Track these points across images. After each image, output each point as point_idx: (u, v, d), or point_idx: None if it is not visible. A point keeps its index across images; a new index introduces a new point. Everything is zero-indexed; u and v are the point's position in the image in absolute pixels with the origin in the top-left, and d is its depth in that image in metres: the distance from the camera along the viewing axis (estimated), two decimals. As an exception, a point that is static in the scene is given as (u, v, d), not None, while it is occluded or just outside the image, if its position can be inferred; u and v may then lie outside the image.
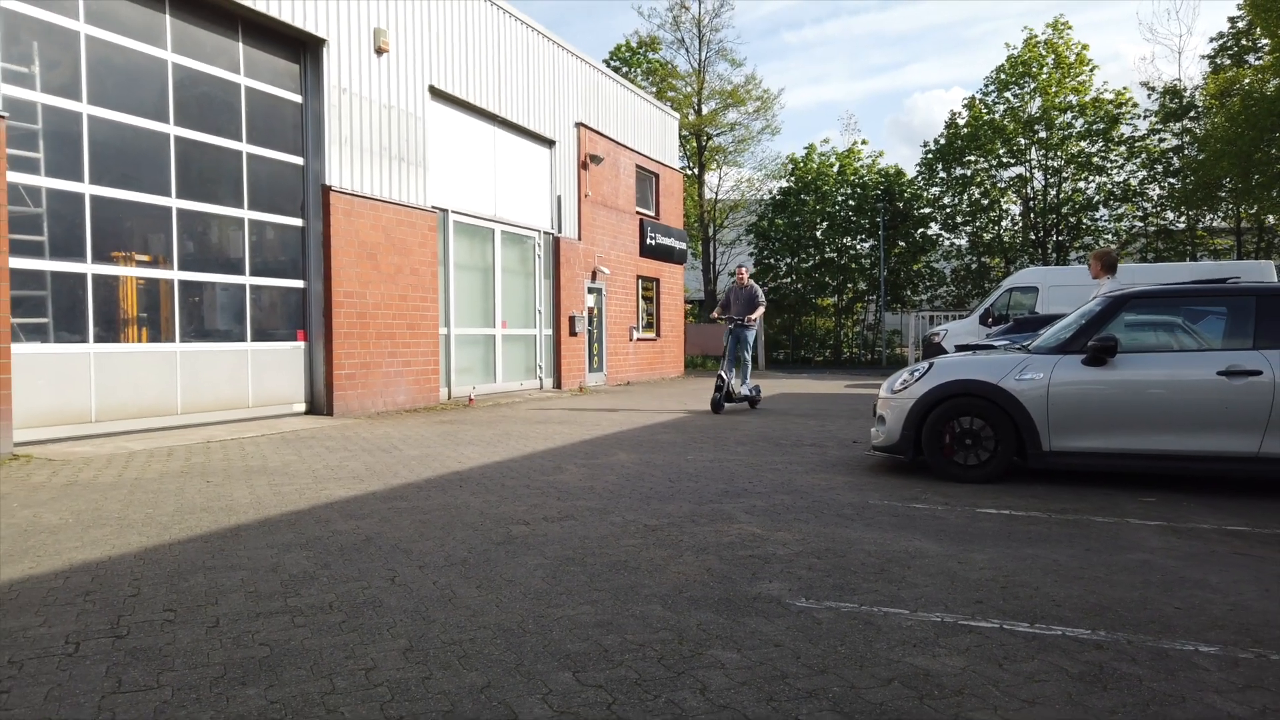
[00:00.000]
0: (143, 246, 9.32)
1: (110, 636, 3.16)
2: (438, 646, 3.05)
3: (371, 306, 11.61)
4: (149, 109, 9.17)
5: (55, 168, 8.26)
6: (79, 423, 8.47)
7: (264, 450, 8.05)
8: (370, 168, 11.65)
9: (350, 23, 11.31)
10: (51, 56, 8.26)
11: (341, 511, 5.32)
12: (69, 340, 8.42)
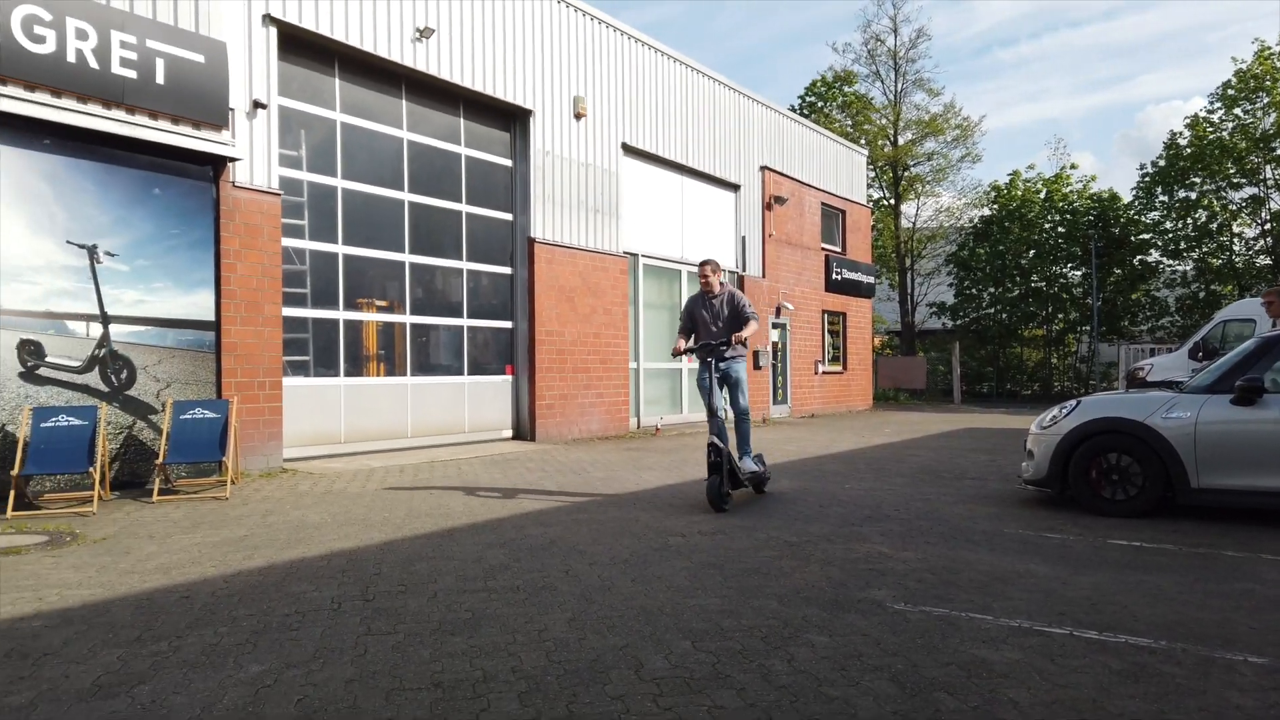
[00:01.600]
0: (382, 294, 11.05)
1: (361, 600, 4.28)
2: (593, 619, 3.94)
3: (569, 344, 12.92)
4: (388, 180, 10.91)
5: (316, 232, 10.06)
6: (331, 443, 10.19)
7: (476, 469, 9.37)
8: (569, 220, 13.02)
9: (553, 94, 12.77)
10: (315, 142, 10.10)
11: (534, 520, 6.38)
12: (325, 374, 10.17)
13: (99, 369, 7.76)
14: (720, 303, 7.34)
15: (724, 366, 7.21)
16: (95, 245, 7.71)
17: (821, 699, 3.04)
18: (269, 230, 9.06)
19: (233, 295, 8.74)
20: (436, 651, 3.51)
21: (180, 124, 8.19)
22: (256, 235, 8.93)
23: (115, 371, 7.87)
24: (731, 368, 7.26)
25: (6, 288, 7.18)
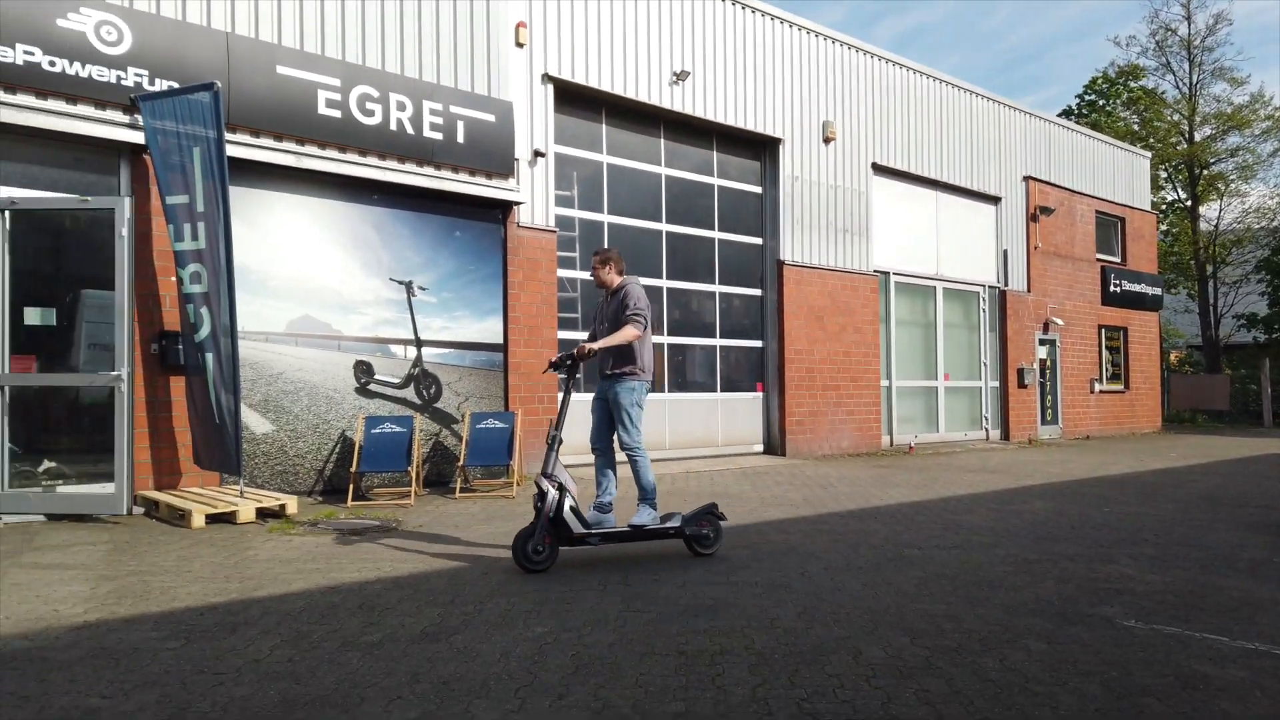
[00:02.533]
0: (642, 317, 12.00)
1: (622, 584, 4.99)
2: (820, 613, 4.37)
3: (818, 362, 13.25)
4: (648, 212, 11.88)
5: (587, 263, 11.20)
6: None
7: (727, 480, 9.99)
8: (817, 241, 13.39)
9: (802, 121, 13.23)
10: (584, 182, 11.26)
11: (776, 527, 6.87)
12: (593, 391, 11.23)
13: (414, 385, 9.23)
14: (614, 303, 5.80)
15: (604, 386, 5.81)
16: (411, 281, 9.21)
17: (1025, 693, 3.30)
18: (546, 263, 10.27)
19: (517, 321, 9.99)
20: (682, 628, 4.11)
21: (476, 175, 9.56)
22: (536, 268, 10.15)
23: (426, 387, 9.31)
24: (612, 388, 5.73)
25: (346, 318, 8.78)
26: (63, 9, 6.96)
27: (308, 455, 8.47)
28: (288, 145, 8.24)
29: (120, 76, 7.25)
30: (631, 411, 5.70)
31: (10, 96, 6.83)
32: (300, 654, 3.75)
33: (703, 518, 5.73)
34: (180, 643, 3.89)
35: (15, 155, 7.07)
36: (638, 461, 5.73)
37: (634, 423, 5.71)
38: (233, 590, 4.85)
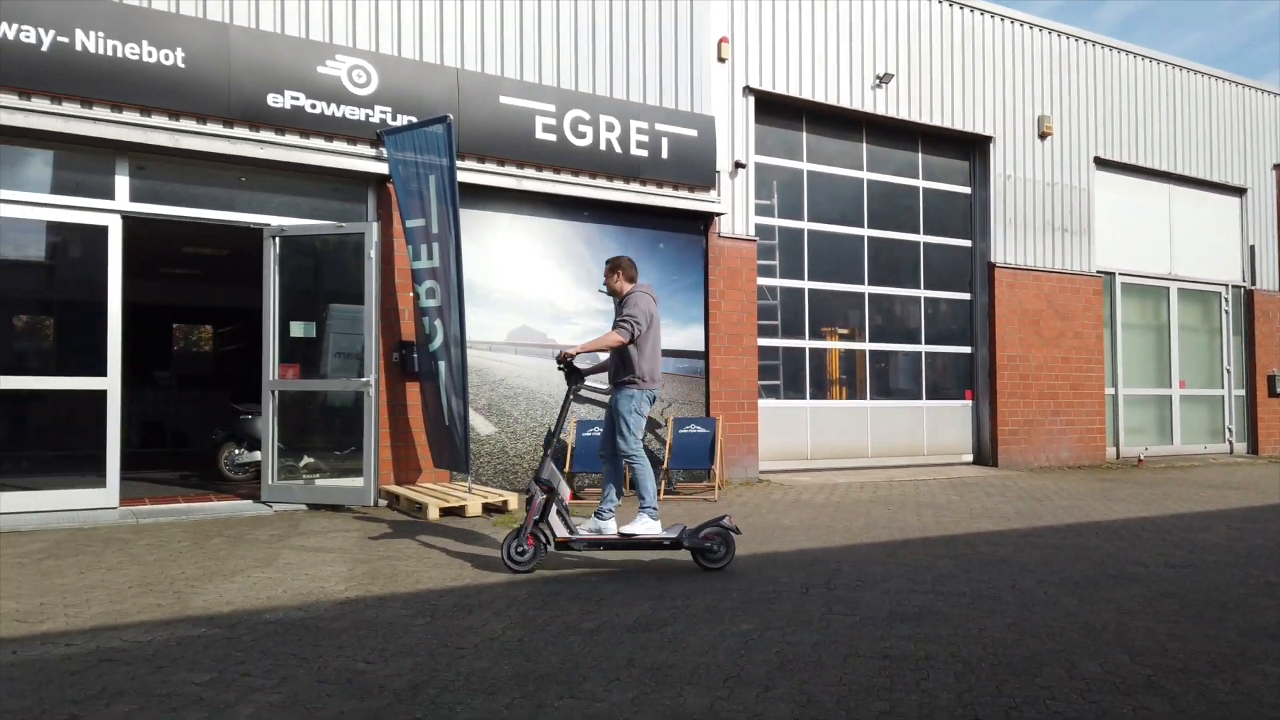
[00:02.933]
0: (844, 323, 11.94)
1: (825, 588, 5.09)
2: (1032, 626, 4.28)
3: (1033, 369, 12.62)
4: (849, 218, 11.81)
5: (786, 270, 11.29)
6: (799, 459, 11.30)
7: (933, 490, 9.76)
8: (1032, 241, 12.76)
9: (1014, 117, 12.68)
10: (784, 190, 11.35)
11: (985, 539, 6.70)
12: (793, 397, 11.32)
13: (620, 391, 9.68)
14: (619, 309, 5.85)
15: (611, 394, 5.88)
16: (618, 292, 9.67)
17: (1259, 717, 3.13)
18: (746, 272, 10.46)
19: (718, 329, 10.24)
20: (886, 633, 4.17)
21: (679, 189, 9.90)
22: (736, 277, 10.36)
23: (631, 393, 9.75)
24: (614, 396, 5.79)
25: (560, 328, 9.35)
26: (321, 57, 7.92)
27: (526, 456, 9.09)
28: (509, 169, 8.91)
29: (368, 114, 8.13)
30: (630, 419, 5.70)
31: (280, 137, 7.84)
32: (528, 635, 4.13)
33: (708, 530, 5.53)
34: (426, 619, 4.39)
35: (281, 188, 8.10)
36: (635, 469, 5.76)
37: (632, 430, 5.71)
38: (466, 576, 5.37)
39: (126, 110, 7.23)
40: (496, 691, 3.38)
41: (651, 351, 5.75)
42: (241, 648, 3.90)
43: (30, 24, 6.80)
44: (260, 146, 7.71)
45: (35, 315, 8.92)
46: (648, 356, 5.73)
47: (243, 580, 5.19)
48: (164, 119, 7.37)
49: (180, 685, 3.42)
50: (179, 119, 7.44)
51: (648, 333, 5.71)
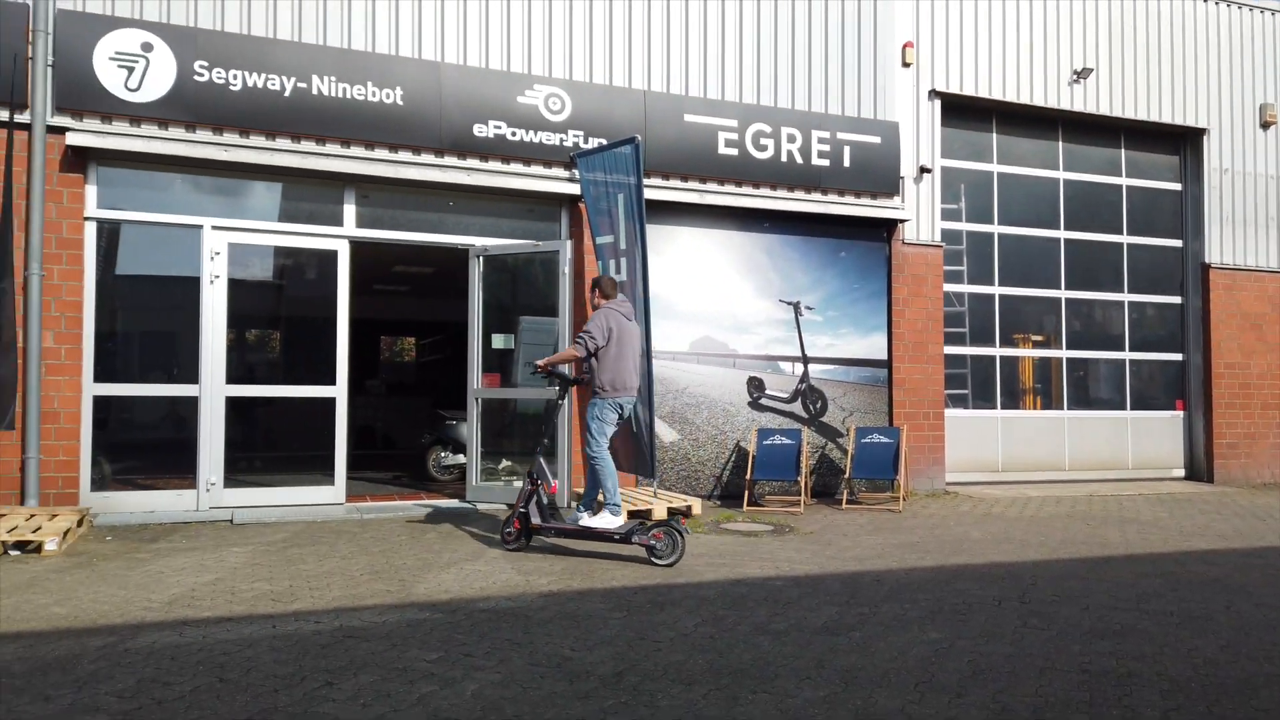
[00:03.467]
0: (1037, 330, 11.45)
1: (1018, 602, 5.00)
2: (1248, 649, 4.06)
3: (1255, 377, 11.62)
4: (1044, 220, 11.33)
5: (974, 276, 10.96)
6: (988, 471, 10.93)
7: (1138, 506, 9.21)
8: (1253, 240, 11.76)
9: (1232, 106, 11.74)
10: (972, 194, 11.03)
11: (1197, 558, 6.31)
12: (982, 407, 10.97)
13: (801, 400, 9.74)
14: None
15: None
16: (799, 301, 9.74)
17: None
18: (932, 279, 10.25)
19: (901, 338, 10.10)
20: (1085, 649, 4.08)
21: (861, 197, 9.87)
22: (921, 284, 10.19)
23: (812, 402, 9.78)
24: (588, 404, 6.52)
25: (740, 337, 9.54)
26: (521, 88, 8.50)
27: (707, 462, 9.33)
28: (692, 184, 9.20)
29: (562, 139, 8.64)
30: (592, 425, 6.35)
31: (483, 164, 8.47)
32: (719, 633, 4.33)
33: (658, 530, 5.97)
34: (623, 614, 4.68)
35: (483, 211, 8.73)
36: (595, 469, 6.37)
37: (594, 434, 6.33)
38: (657, 575, 5.64)
39: (354, 145, 8.05)
40: (693, 682, 3.60)
41: (613, 363, 6.30)
42: (462, 631, 4.33)
43: (275, 73, 7.72)
44: (467, 173, 8.36)
45: (269, 330, 10.02)
46: (608, 368, 6.29)
47: (456, 572, 5.69)
48: (385, 152, 8.15)
49: (413, 661, 3.85)
50: (397, 151, 8.20)
51: (608, 346, 6.29)
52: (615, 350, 6.32)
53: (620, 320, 6.40)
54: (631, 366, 6.43)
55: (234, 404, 7.84)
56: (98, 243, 7.48)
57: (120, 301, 7.81)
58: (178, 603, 4.78)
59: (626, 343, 6.39)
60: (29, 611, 4.55)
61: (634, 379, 6.49)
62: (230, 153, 7.63)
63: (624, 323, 6.41)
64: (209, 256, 7.70)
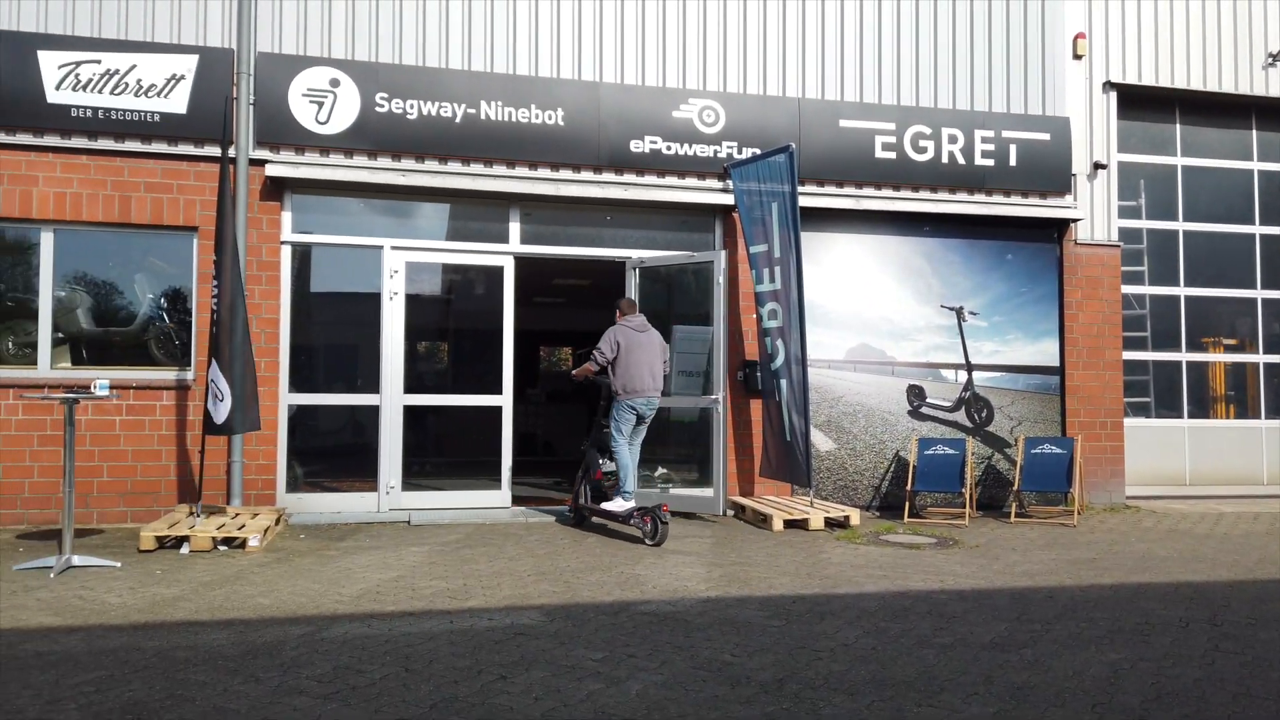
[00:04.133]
0: (1229, 333, 10.61)
1: (1208, 624, 4.68)
2: None
3: None
4: (1235, 215, 10.50)
5: (1156, 276, 10.29)
6: (1174, 484, 10.21)
7: None
8: None
9: None
10: (1153, 189, 10.36)
11: None
12: (1166, 416, 10.27)
13: (965, 408, 9.42)
14: None
15: None
16: (961, 307, 9.44)
17: None
18: (1108, 280, 9.70)
19: (1075, 343, 9.60)
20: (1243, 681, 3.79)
21: (1029, 197, 9.46)
22: (1097, 286, 9.65)
23: (977, 410, 9.44)
24: None
25: (899, 345, 9.33)
26: (676, 102, 8.67)
27: (865, 472, 9.17)
28: (848, 190, 9.10)
29: (715, 150, 8.75)
30: (611, 424, 7.51)
31: (639, 179, 8.69)
32: (881, 645, 4.29)
33: (644, 513, 7.08)
34: (781, 622, 4.71)
35: (639, 224, 8.94)
36: (614, 460, 7.55)
37: (615, 430, 7.47)
38: (815, 585, 5.62)
39: (518, 166, 8.44)
40: (856, 693, 3.59)
41: (624, 371, 7.37)
42: (625, 633, 4.47)
43: (447, 101, 8.21)
44: (623, 188, 8.60)
45: (440, 342, 10.61)
46: (620, 375, 7.40)
47: (618, 574, 5.86)
48: (547, 170, 8.50)
49: (580, 660, 4.02)
50: (559, 170, 8.53)
51: (618, 357, 7.39)
52: (625, 360, 7.38)
53: (629, 334, 7.45)
54: (644, 372, 7.40)
55: (410, 412, 8.37)
56: (291, 264, 8.17)
57: (310, 317, 8.49)
58: (365, 597, 5.17)
59: (635, 353, 7.39)
60: (238, 601, 5.04)
61: (646, 382, 7.42)
62: (408, 177, 8.16)
63: (633, 336, 7.44)
64: (388, 274, 8.26)
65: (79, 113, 7.56)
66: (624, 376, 7.41)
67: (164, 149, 7.77)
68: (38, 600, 4.98)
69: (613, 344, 7.42)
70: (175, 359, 7.93)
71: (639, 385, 7.40)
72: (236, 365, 6.94)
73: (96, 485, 7.56)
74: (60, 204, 7.60)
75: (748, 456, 8.94)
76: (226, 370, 6.89)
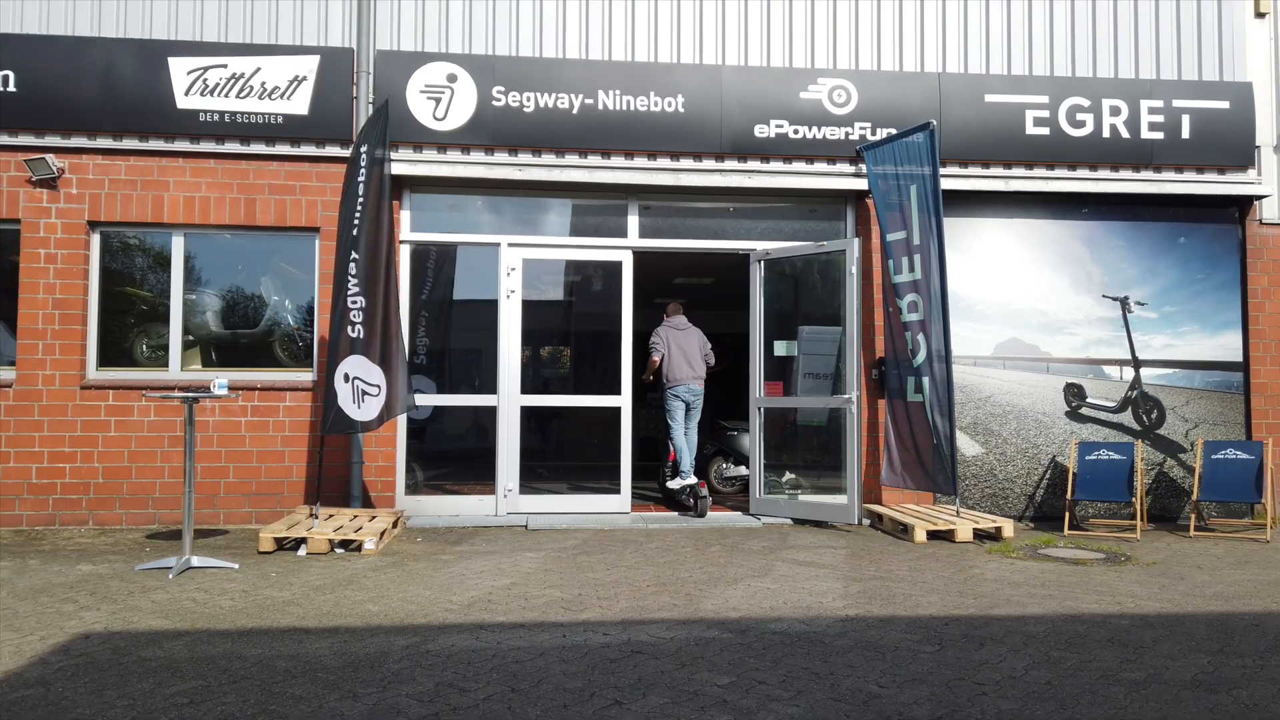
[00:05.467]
0: None
1: None
2: None
3: None
4: None
5: (1358, 260, 9.01)
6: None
7: None
8: None
9: None
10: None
11: None
12: None
13: (1131, 409, 8.47)
14: None
15: None
16: (1126, 297, 8.50)
17: None
18: (1302, 264, 8.55)
19: (1261, 335, 8.50)
20: None
21: (1204, 172, 8.44)
22: (1287, 271, 8.52)
23: (1145, 411, 8.47)
24: None
25: (1054, 339, 8.47)
26: (804, 83, 8.13)
27: (1017, 480, 8.35)
28: (995, 171, 8.33)
29: (847, 132, 8.16)
30: (666, 413, 8.54)
31: (764, 165, 8.19)
32: (1057, 679, 3.66)
33: (690, 489, 8.26)
34: (934, 648, 4.13)
35: (763, 214, 8.44)
36: (670, 444, 8.56)
37: (669, 418, 8.48)
38: (969, 605, 4.99)
39: (636, 156, 8.09)
40: (1033, 739, 3.01)
41: (667, 363, 8.40)
42: (754, 654, 4.00)
43: (564, 92, 7.94)
44: (747, 175, 8.12)
45: (558, 342, 10.36)
46: (664, 367, 8.41)
47: (744, 588, 5.39)
48: (666, 160, 8.11)
49: (704, 685, 3.58)
50: (679, 159, 8.13)
51: (669, 352, 8.39)
52: (669, 354, 8.41)
53: (672, 332, 8.47)
54: (683, 363, 8.39)
55: (528, 413, 8.13)
56: (410, 263, 8.07)
57: (428, 317, 8.37)
58: (475, 605, 4.88)
59: (675, 347, 8.39)
60: (346, 607, 4.83)
61: (685, 372, 8.39)
62: (524, 172, 7.94)
63: (674, 333, 8.45)
64: (505, 272, 8.05)
65: (207, 117, 7.66)
66: (667, 368, 8.41)
67: (287, 150, 7.80)
68: (152, 602, 4.91)
69: (664, 341, 8.42)
70: (299, 360, 7.94)
71: (679, 375, 8.39)
72: (393, 357, 7.04)
73: (223, 486, 7.62)
74: (189, 208, 7.73)
75: (880, 462, 8.28)
76: (383, 362, 6.94)
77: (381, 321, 7.01)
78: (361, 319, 6.87)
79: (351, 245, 6.89)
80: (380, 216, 7.08)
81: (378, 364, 6.93)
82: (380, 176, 7.09)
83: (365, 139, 7.05)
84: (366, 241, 6.92)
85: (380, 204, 7.08)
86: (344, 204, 6.99)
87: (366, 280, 6.89)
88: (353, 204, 6.95)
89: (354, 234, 6.89)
